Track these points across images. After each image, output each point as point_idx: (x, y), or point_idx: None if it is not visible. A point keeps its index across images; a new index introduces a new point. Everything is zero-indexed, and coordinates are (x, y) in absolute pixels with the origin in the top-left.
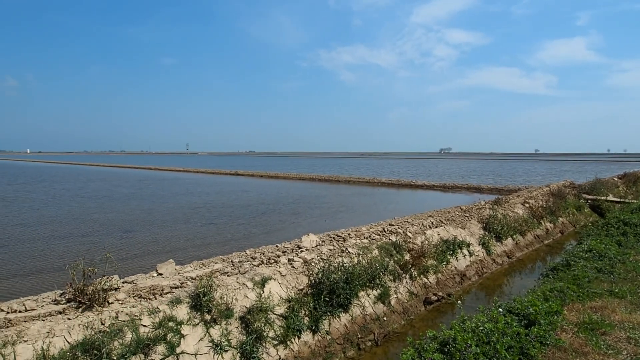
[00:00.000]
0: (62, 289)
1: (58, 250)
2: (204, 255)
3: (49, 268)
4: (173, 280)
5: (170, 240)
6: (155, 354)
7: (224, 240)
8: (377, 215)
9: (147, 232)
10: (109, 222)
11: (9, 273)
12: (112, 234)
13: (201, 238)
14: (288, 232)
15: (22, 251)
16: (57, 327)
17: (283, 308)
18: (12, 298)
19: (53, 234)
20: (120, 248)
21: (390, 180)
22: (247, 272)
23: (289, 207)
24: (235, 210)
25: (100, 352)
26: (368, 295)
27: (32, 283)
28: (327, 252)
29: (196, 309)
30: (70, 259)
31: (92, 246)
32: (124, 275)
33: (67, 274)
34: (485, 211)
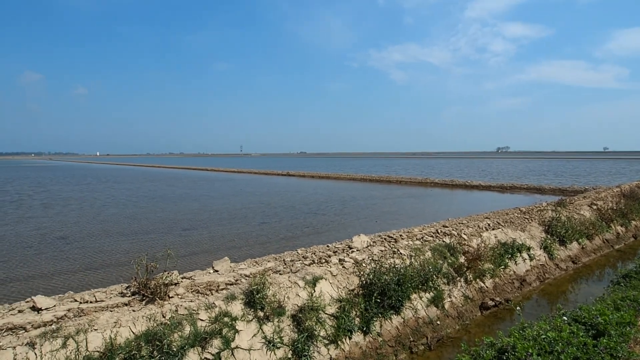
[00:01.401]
0: (128, 282)
1: (123, 247)
2: (257, 253)
3: (115, 263)
4: (228, 277)
5: (225, 239)
6: (211, 347)
7: (276, 239)
8: (429, 217)
9: (204, 231)
10: (168, 220)
11: (81, 266)
12: (171, 232)
13: (254, 237)
14: (338, 232)
15: (92, 247)
16: (123, 318)
17: (334, 308)
18: (84, 289)
19: (119, 231)
20: (179, 245)
21: (443, 180)
22: (298, 271)
23: (340, 207)
24: (287, 210)
25: (161, 343)
26: (420, 298)
27: (101, 276)
28: (378, 253)
29: (250, 306)
30: (134, 254)
31: (153, 243)
32: (182, 271)
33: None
34: (547, 213)
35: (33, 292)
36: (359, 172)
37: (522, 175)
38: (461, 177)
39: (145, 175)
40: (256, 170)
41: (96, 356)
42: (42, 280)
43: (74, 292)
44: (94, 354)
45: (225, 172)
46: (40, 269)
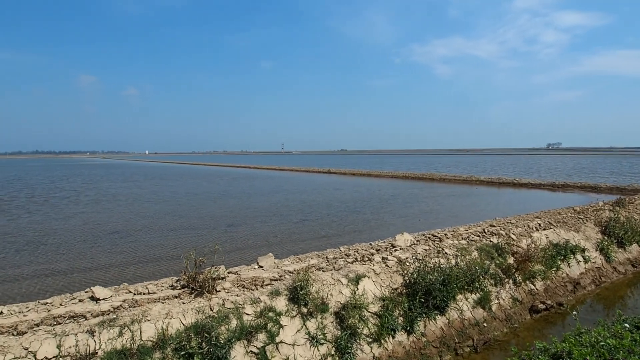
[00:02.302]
0: (178, 276)
1: (172, 241)
2: (299, 250)
3: (165, 257)
4: (272, 273)
5: (269, 235)
6: (257, 341)
7: (317, 237)
8: (475, 215)
9: (247, 227)
10: (213, 216)
11: (134, 260)
12: (216, 228)
13: (296, 234)
14: (381, 230)
15: (143, 241)
16: (174, 310)
17: (377, 306)
18: (137, 281)
19: (167, 227)
20: (224, 241)
21: (489, 178)
22: (341, 269)
23: (381, 205)
24: (328, 208)
25: (209, 335)
26: (466, 299)
27: (152, 269)
28: (422, 252)
29: (294, 302)
30: (182, 249)
31: (200, 239)
32: (228, 266)
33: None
34: (604, 213)
35: (91, 283)
36: (400, 169)
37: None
38: (509, 175)
39: (190, 173)
40: (297, 168)
41: (149, 345)
42: (99, 272)
43: (128, 284)
44: (147, 343)
45: (267, 170)
46: (96, 262)
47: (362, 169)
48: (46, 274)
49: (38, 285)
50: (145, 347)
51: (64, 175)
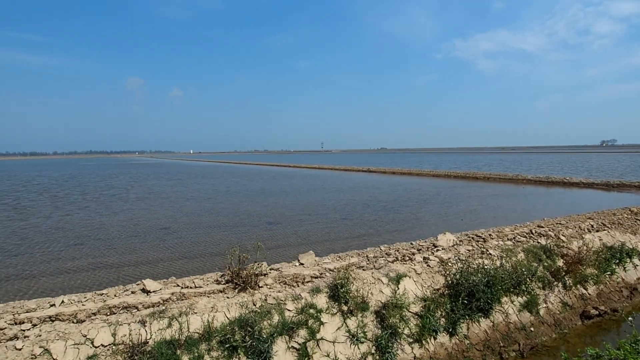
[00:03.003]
0: (222, 271)
1: (215, 238)
2: (339, 248)
3: (209, 252)
4: (313, 270)
5: (308, 233)
6: (298, 337)
7: (357, 235)
8: (521, 216)
9: (288, 225)
10: (254, 214)
11: (180, 255)
12: (257, 225)
13: (336, 232)
14: (421, 229)
15: (188, 237)
16: (219, 304)
17: (418, 306)
18: (183, 276)
19: (210, 224)
20: (265, 238)
21: (537, 177)
22: (382, 268)
23: (422, 204)
24: (368, 207)
25: (253, 330)
26: (512, 302)
27: (197, 264)
28: (465, 253)
29: (334, 299)
30: (225, 245)
31: (242, 236)
32: (269, 263)
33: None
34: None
35: (141, 276)
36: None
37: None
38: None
39: (231, 172)
40: (337, 167)
41: (196, 337)
42: (148, 265)
43: (176, 278)
44: (194, 335)
45: (306, 169)
46: (145, 256)
47: (402, 168)
48: (100, 267)
49: (93, 277)
50: (192, 339)
51: (113, 173)
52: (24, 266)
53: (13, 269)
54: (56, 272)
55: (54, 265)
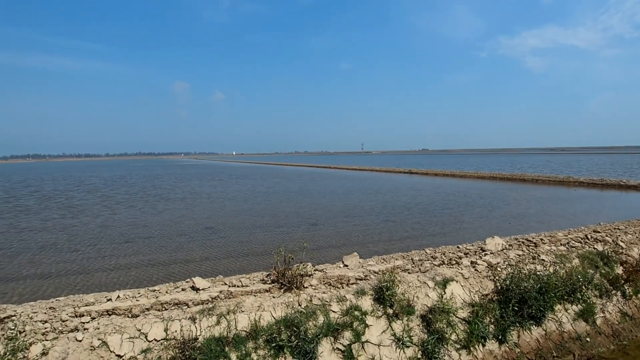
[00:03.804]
0: (266, 270)
1: (258, 238)
2: (382, 250)
3: (253, 252)
4: (357, 272)
5: (350, 235)
6: (343, 338)
7: (400, 238)
8: (574, 220)
9: (330, 226)
10: (295, 215)
11: (225, 254)
12: (300, 226)
13: (378, 234)
14: (466, 233)
15: (232, 237)
16: (265, 303)
17: (466, 312)
18: (229, 274)
19: (253, 224)
20: (308, 239)
21: (590, 179)
22: (427, 271)
23: (467, 207)
24: (411, 209)
25: (298, 330)
26: (566, 310)
27: (241, 264)
28: (515, 257)
29: (379, 302)
30: (268, 246)
31: (285, 236)
32: (313, 264)
33: (268, 259)
34: None
35: (188, 273)
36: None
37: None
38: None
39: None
40: (377, 168)
41: (243, 335)
42: (195, 264)
43: (223, 276)
44: (242, 333)
45: (347, 170)
46: (192, 254)
47: (445, 169)
48: (150, 264)
49: (144, 273)
50: (240, 337)
51: (159, 174)
52: (81, 261)
53: (70, 265)
54: (110, 268)
55: (108, 261)
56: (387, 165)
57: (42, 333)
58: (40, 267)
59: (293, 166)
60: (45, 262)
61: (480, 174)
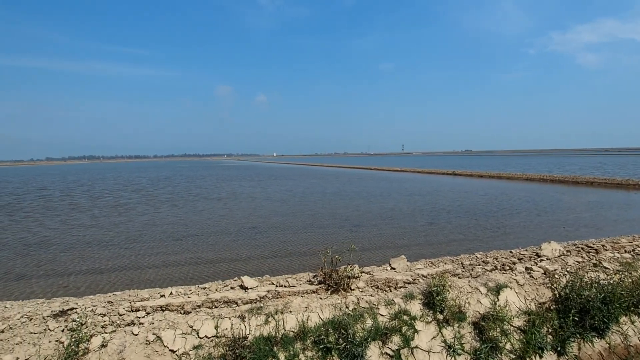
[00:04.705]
0: (312, 271)
1: (302, 238)
2: (428, 254)
3: (298, 252)
4: (405, 275)
5: (395, 237)
6: (391, 343)
7: (447, 241)
8: (636, 226)
9: (374, 228)
10: (338, 216)
11: (270, 254)
12: (343, 227)
13: (424, 236)
14: (519, 237)
15: (277, 237)
16: (312, 304)
17: (521, 320)
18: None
19: (297, 225)
20: (351, 240)
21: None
22: (479, 277)
23: (516, 209)
24: (456, 211)
25: (346, 332)
26: (632, 323)
27: (286, 263)
28: (574, 264)
29: (429, 307)
30: (312, 246)
31: (329, 237)
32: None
33: (312, 259)
34: None
35: (235, 272)
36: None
37: None
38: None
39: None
40: (419, 169)
41: (291, 335)
42: (241, 262)
43: (270, 276)
44: (290, 333)
45: (388, 171)
46: (238, 253)
47: (491, 171)
48: (199, 262)
49: (193, 271)
50: (288, 337)
51: (201, 175)
52: (132, 257)
53: (122, 260)
54: (160, 265)
55: (158, 258)
56: (428, 167)
57: (101, 326)
58: (95, 262)
59: (332, 167)
60: (97, 257)
61: (528, 176)
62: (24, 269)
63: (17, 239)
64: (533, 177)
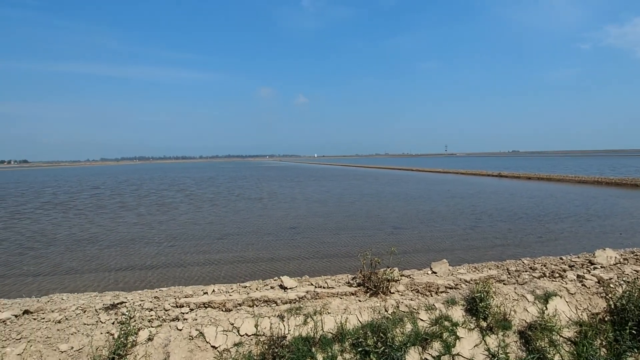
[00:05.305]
0: (351, 273)
1: (342, 240)
2: (471, 258)
3: (337, 254)
4: (447, 280)
5: (436, 240)
6: (432, 349)
7: (490, 245)
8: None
9: (414, 230)
10: (379, 218)
11: (310, 254)
12: (382, 229)
13: (467, 240)
14: (569, 243)
15: (316, 238)
16: (351, 306)
17: (572, 331)
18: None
19: (336, 226)
20: (391, 243)
21: None
22: (526, 284)
23: (567, 214)
24: (501, 214)
25: (385, 336)
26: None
27: (325, 265)
28: (632, 274)
29: (471, 314)
30: (351, 248)
31: (368, 239)
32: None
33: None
34: None
35: (275, 271)
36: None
37: None
38: None
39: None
40: (462, 171)
41: (330, 337)
42: (281, 262)
43: (309, 276)
44: (328, 335)
45: (430, 173)
46: (278, 253)
47: (540, 172)
48: (240, 261)
49: (235, 269)
50: (326, 338)
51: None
52: (179, 255)
53: (171, 257)
54: (203, 263)
55: (202, 256)
56: (473, 168)
57: (148, 320)
58: (141, 258)
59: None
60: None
61: (580, 178)
62: (73, 263)
63: (67, 235)
64: (586, 180)
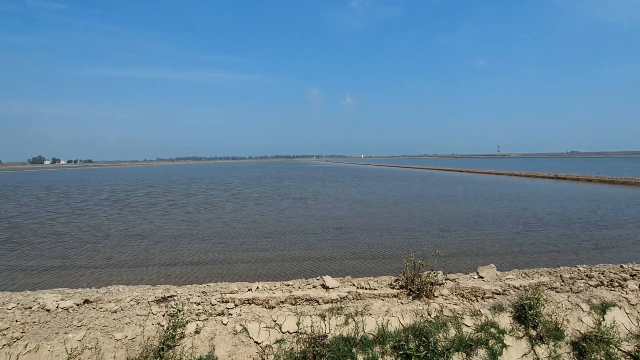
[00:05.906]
0: (394, 275)
1: (386, 241)
2: (522, 264)
3: (381, 255)
4: (494, 285)
5: (484, 244)
6: (476, 356)
7: (544, 251)
8: None
9: (462, 233)
10: (425, 220)
11: (354, 255)
12: (429, 231)
13: (517, 245)
14: (630, 250)
15: (361, 239)
16: (392, 309)
17: (632, 345)
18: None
19: (381, 227)
20: (437, 245)
21: None
22: (581, 292)
23: (630, 220)
24: (556, 218)
25: (427, 340)
26: None
27: (368, 265)
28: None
29: (520, 321)
30: (395, 249)
31: (413, 241)
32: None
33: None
34: None
35: (318, 271)
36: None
37: None
38: None
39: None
40: (516, 172)
41: (370, 338)
42: (324, 262)
43: (351, 277)
44: (369, 336)
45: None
46: (322, 253)
47: (602, 175)
48: (284, 259)
49: (279, 268)
50: (367, 340)
51: (290, 175)
52: (225, 252)
53: (217, 254)
54: (248, 260)
55: (247, 254)
56: (527, 169)
57: (195, 313)
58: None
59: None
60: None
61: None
62: (123, 257)
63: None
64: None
